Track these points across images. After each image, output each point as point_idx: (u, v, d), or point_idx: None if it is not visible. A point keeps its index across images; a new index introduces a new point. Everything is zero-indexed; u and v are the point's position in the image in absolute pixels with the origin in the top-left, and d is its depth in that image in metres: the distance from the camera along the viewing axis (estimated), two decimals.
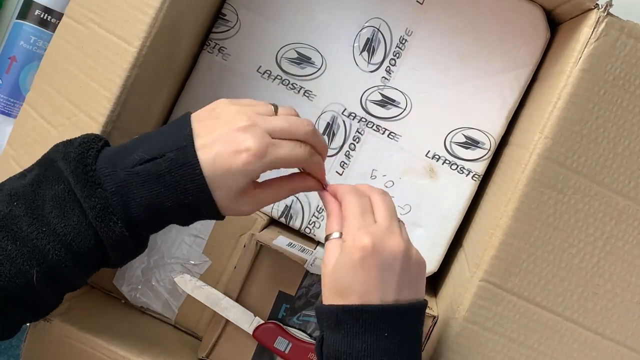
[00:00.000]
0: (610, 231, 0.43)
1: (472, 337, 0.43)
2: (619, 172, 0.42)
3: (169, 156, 0.37)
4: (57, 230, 0.36)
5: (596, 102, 0.42)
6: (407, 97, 0.53)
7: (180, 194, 0.37)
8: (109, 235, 0.37)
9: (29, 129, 0.48)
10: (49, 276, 0.37)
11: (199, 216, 0.39)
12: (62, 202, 0.37)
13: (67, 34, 0.47)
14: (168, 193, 0.37)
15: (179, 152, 0.37)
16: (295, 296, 0.50)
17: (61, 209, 0.37)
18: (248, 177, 0.37)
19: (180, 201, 0.37)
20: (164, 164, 0.36)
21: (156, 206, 0.37)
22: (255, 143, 0.36)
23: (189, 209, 0.38)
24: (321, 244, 0.55)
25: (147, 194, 0.37)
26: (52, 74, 0.47)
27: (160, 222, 0.38)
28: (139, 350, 0.48)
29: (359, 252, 0.36)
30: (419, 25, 0.52)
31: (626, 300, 0.43)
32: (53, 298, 0.39)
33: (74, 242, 0.36)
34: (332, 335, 0.37)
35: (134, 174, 0.37)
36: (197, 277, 0.54)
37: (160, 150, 0.37)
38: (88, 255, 0.37)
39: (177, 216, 0.38)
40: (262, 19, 0.53)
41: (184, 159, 0.36)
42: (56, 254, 0.36)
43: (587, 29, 0.41)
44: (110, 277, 0.55)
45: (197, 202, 0.37)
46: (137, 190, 0.37)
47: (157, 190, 0.37)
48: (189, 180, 0.36)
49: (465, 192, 0.53)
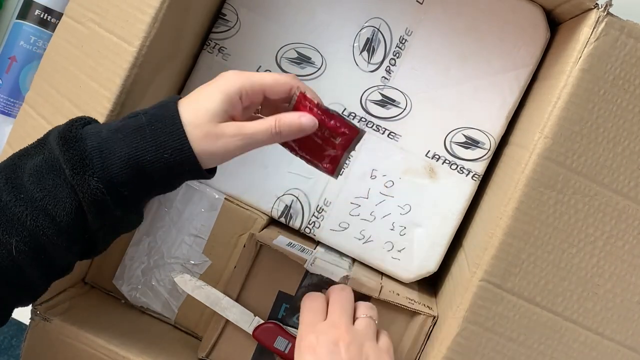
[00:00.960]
0: (610, 231, 0.42)
1: (472, 337, 0.43)
2: (619, 172, 0.42)
3: (150, 112, 0.38)
4: (34, 196, 0.36)
5: (596, 102, 0.42)
6: (407, 97, 0.53)
7: (159, 147, 0.37)
8: (85, 189, 0.36)
9: (29, 128, 0.48)
10: (29, 247, 0.36)
11: (180, 171, 0.38)
12: (40, 169, 0.37)
13: (67, 34, 0.47)
14: (147, 145, 0.37)
15: (161, 107, 0.38)
16: (295, 296, 0.50)
17: (39, 176, 0.37)
18: (224, 94, 0.38)
19: (159, 155, 0.37)
20: (145, 118, 0.37)
21: (135, 160, 0.37)
22: (234, 72, 0.39)
23: (170, 163, 0.37)
24: (321, 244, 0.55)
25: (126, 147, 0.37)
26: (52, 73, 0.47)
27: (143, 181, 0.38)
28: (139, 350, 0.49)
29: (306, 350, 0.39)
30: (419, 25, 0.52)
31: (626, 300, 0.43)
32: (39, 276, 0.38)
33: (50, 207, 0.36)
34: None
35: (116, 130, 0.37)
36: (197, 277, 0.54)
37: (144, 109, 0.38)
38: (66, 222, 0.37)
39: (160, 175, 0.38)
40: (262, 19, 0.53)
41: (165, 111, 0.37)
42: (33, 220, 0.36)
43: (587, 29, 0.41)
44: (110, 277, 0.55)
45: (177, 154, 0.37)
46: (117, 145, 0.37)
47: (136, 143, 0.37)
48: (167, 132, 0.37)
49: (465, 192, 0.53)
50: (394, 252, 0.54)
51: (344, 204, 0.54)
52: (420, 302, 0.51)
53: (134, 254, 0.54)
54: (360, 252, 0.54)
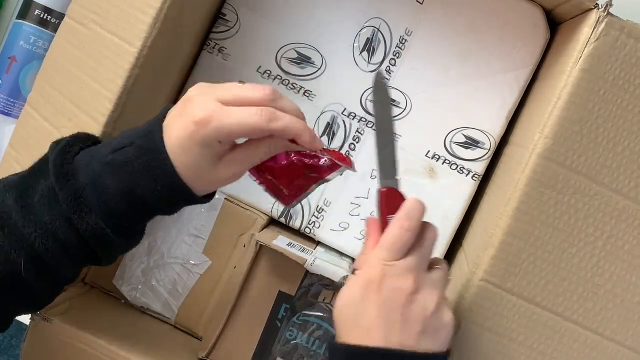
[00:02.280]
0: (610, 231, 0.42)
1: (473, 337, 0.43)
2: (619, 172, 0.42)
3: (136, 144, 0.37)
4: (44, 220, 0.36)
5: (596, 102, 0.42)
6: (407, 97, 0.53)
7: (150, 181, 0.36)
8: (84, 226, 0.36)
9: (31, 130, 0.48)
10: (36, 266, 0.37)
11: (177, 201, 0.38)
12: (50, 193, 0.37)
13: (69, 35, 0.47)
14: (137, 180, 0.36)
15: (146, 138, 0.37)
16: (295, 296, 0.50)
17: (49, 200, 0.37)
18: (204, 147, 0.35)
19: (152, 187, 0.36)
20: (132, 151, 0.36)
21: (129, 194, 0.36)
22: (200, 111, 0.35)
23: (164, 195, 0.37)
24: (321, 244, 0.55)
25: (118, 182, 0.36)
26: (54, 75, 0.47)
27: (141, 211, 0.38)
28: (139, 351, 0.48)
29: (366, 283, 0.36)
30: (419, 26, 0.52)
31: (626, 301, 0.43)
32: (45, 289, 0.39)
33: (60, 232, 0.36)
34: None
35: (106, 164, 0.37)
36: (197, 277, 0.54)
37: (131, 138, 0.37)
38: (74, 247, 0.37)
39: (157, 204, 0.37)
40: (262, 19, 0.53)
41: (151, 144, 0.36)
42: (42, 243, 0.36)
43: (587, 29, 0.41)
44: (110, 277, 0.55)
45: (168, 186, 0.36)
46: (109, 180, 0.36)
47: (126, 179, 0.36)
48: (156, 166, 0.36)
49: (465, 192, 0.53)
50: None
51: (344, 204, 0.54)
52: None
53: (134, 254, 0.54)
54: None
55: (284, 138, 0.37)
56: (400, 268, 0.36)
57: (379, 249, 0.37)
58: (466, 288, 0.44)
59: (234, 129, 0.35)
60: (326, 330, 0.50)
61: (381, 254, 0.37)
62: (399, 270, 0.36)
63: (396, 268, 0.36)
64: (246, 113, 0.35)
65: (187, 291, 0.54)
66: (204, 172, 0.37)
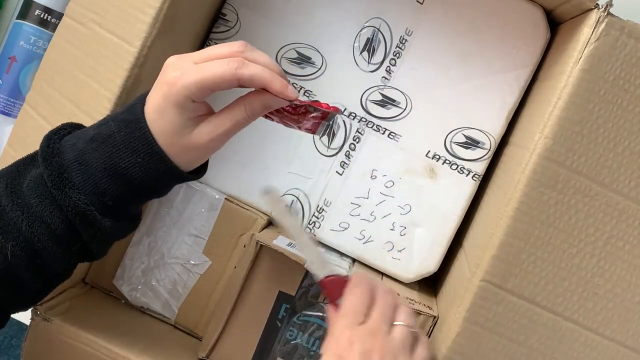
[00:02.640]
0: (610, 231, 0.42)
1: (473, 337, 0.43)
2: (619, 172, 0.42)
3: (119, 117, 0.37)
4: (31, 202, 0.36)
5: (596, 102, 0.42)
6: (407, 97, 0.53)
7: (132, 152, 0.36)
8: (67, 202, 0.36)
9: (29, 129, 0.48)
10: (24, 251, 0.36)
11: (162, 176, 0.38)
12: (38, 177, 0.37)
13: (68, 34, 0.47)
14: (120, 153, 0.36)
15: (127, 111, 0.37)
16: (295, 296, 0.50)
17: (36, 183, 0.37)
18: (178, 107, 0.36)
19: (133, 160, 0.36)
20: (114, 125, 0.37)
21: (112, 168, 0.36)
22: (172, 71, 0.36)
23: (145, 167, 0.37)
24: (321, 244, 0.55)
25: (101, 156, 0.36)
26: (53, 74, 0.47)
27: (127, 189, 0.37)
28: (139, 350, 0.49)
29: (334, 353, 0.36)
30: (419, 26, 0.52)
31: (626, 301, 0.43)
32: (35, 280, 0.38)
33: (46, 214, 0.36)
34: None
35: (90, 140, 0.37)
36: (197, 276, 0.54)
37: (114, 114, 0.38)
38: (61, 230, 0.37)
39: (141, 179, 0.37)
40: (262, 19, 0.53)
41: (131, 115, 0.37)
42: (29, 226, 0.36)
43: (588, 29, 0.41)
44: (110, 277, 0.55)
45: (148, 156, 0.36)
46: (92, 156, 0.37)
47: (109, 152, 0.36)
48: (136, 137, 0.36)
49: (465, 192, 0.53)
50: (394, 252, 0.54)
51: (344, 204, 0.54)
52: (420, 302, 0.51)
53: (134, 254, 0.54)
54: (360, 252, 0.54)
55: (253, 86, 0.37)
56: (366, 329, 0.37)
57: (340, 318, 0.38)
58: (466, 288, 0.44)
59: (203, 82, 0.35)
60: (326, 330, 0.50)
61: (344, 321, 0.37)
62: (364, 332, 0.37)
63: (362, 330, 0.37)
64: (214, 64, 0.36)
65: (187, 291, 0.54)
66: (180, 137, 0.36)
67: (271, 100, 0.37)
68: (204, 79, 0.35)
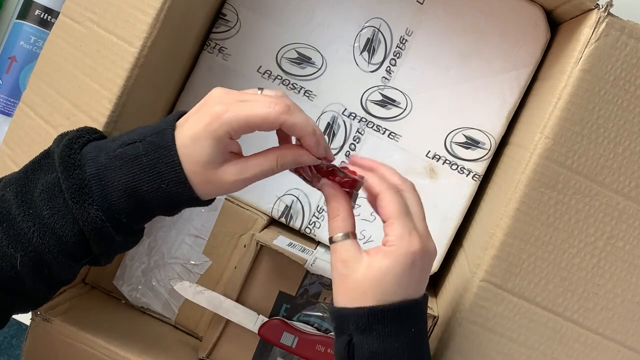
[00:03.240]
0: (610, 231, 0.43)
1: (473, 337, 0.43)
2: (620, 172, 0.42)
3: (147, 139, 0.37)
4: (43, 214, 0.36)
5: (596, 103, 0.42)
6: (407, 97, 0.53)
7: (156, 177, 0.36)
8: (84, 217, 0.36)
9: (26, 128, 0.48)
10: (33, 262, 0.36)
11: (179, 202, 0.38)
12: (51, 188, 0.37)
13: (65, 33, 0.47)
14: (144, 175, 0.36)
15: (158, 135, 0.37)
16: (295, 296, 0.50)
17: (49, 194, 0.37)
18: (215, 139, 0.36)
19: (157, 185, 0.36)
20: (142, 147, 0.37)
21: (133, 189, 0.36)
22: (218, 105, 0.36)
23: (167, 194, 0.37)
24: (322, 244, 0.55)
25: (124, 176, 0.36)
26: (50, 73, 0.47)
27: (142, 209, 0.38)
28: (139, 351, 0.48)
29: (412, 257, 0.36)
30: (419, 26, 0.52)
31: (627, 300, 0.43)
32: (41, 288, 0.38)
33: (57, 226, 0.36)
34: (365, 339, 0.36)
35: (114, 157, 0.37)
36: (197, 277, 0.54)
37: (142, 135, 0.37)
38: (72, 243, 0.37)
39: (158, 203, 0.37)
40: (263, 19, 0.53)
41: (161, 140, 0.37)
42: (40, 238, 0.36)
43: (588, 29, 0.41)
44: (110, 277, 0.55)
45: (173, 184, 0.36)
46: (115, 174, 0.36)
47: (133, 173, 0.36)
48: (164, 163, 0.36)
49: (465, 192, 0.53)
50: None
51: None
52: None
53: (134, 254, 0.54)
54: None
55: (293, 134, 0.37)
56: (425, 233, 0.38)
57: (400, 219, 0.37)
58: (466, 288, 0.44)
59: (247, 119, 0.36)
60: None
61: (407, 224, 0.37)
62: (426, 236, 0.38)
63: (424, 235, 0.38)
64: (260, 104, 0.36)
65: None
66: (207, 169, 0.36)
67: (305, 156, 0.38)
68: (248, 117, 0.36)
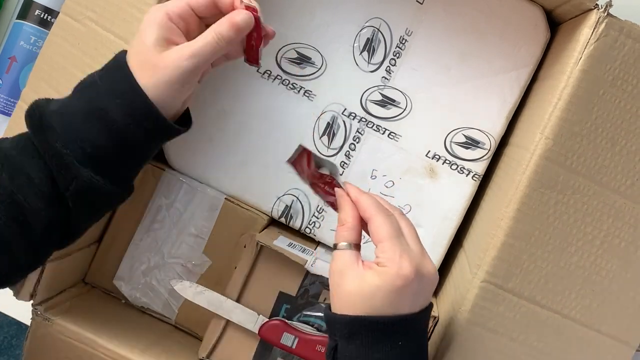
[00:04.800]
0: (607, 229, 0.43)
1: (474, 337, 0.43)
2: (617, 171, 0.43)
3: (104, 67, 0.39)
4: (11, 153, 0.38)
5: (595, 103, 0.42)
6: (407, 97, 0.53)
7: (111, 94, 0.37)
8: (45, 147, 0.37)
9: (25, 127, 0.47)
10: (8, 208, 0.37)
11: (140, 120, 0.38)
12: (22, 134, 0.39)
13: (64, 32, 0.47)
14: (101, 96, 0.37)
15: (111, 61, 0.39)
16: (295, 296, 0.50)
17: (19, 138, 0.39)
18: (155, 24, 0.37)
19: (112, 101, 0.37)
20: (97, 74, 0.39)
21: (92, 112, 0.37)
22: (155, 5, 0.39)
23: (125, 110, 0.37)
24: (322, 244, 0.55)
25: (81, 102, 0.38)
26: (49, 71, 0.47)
27: (103, 135, 0.37)
28: (140, 351, 0.49)
29: (402, 280, 0.36)
30: (419, 25, 0.52)
31: (622, 297, 0.43)
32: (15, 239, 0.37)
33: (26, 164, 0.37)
34: (347, 345, 0.37)
35: (73, 91, 0.39)
36: (197, 277, 0.54)
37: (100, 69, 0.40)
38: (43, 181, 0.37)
39: (118, 124, 0.37)
40: (262, 19, 0.53)
41: (114, 64, 0.39)
42: (11, 179, 0.37)
43: (588, 30, 0.41)
44: (110, 277, 0.55)
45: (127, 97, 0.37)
46: (74, 103, 0.38)
47: (89, 97, 0.38)
48: (117, 80, 0.38)
49: (465, 192, 0.53)
50: None
51: None
52: None
53: (135, 254, 0.54)
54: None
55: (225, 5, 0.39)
56: (419, 255, 0.38)
57: (392, 241, 0.37)
58: (467, 289, 0.44)
59: None
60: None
61: (399, 246, 0.37)
62: (419, 258, 0.38)
63: (417, 257, 0.37)
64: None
65: None
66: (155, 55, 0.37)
67: (237, 15, 0.39)
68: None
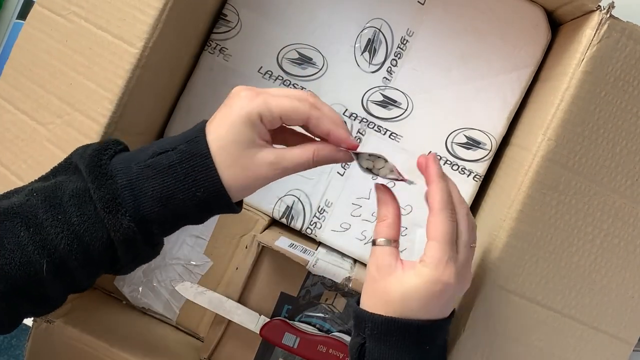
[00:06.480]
0: (607, 229, 0.43)
1: (474, 337, 0.44)
2: (617, 171, 0.43)
3: (180, 148, 0.37)
4: (72, 220, 0.36)
5: (597, 104, 0.42)
6: (408, 98, 0.53)
7: (191, 185, 0.36)
8: (116, 227, 0.36)
9: (6, 123, 0.46)
10: (58, 268, 0.36)
11: (212, 209, 0.38)
12: (80, 195, 0.37)
13: (45, 26, 0.45)
14: (179, 184, 0.36)
15: (190, 143, 0.37)
16: (297, 297, 0.50)
17: (79, 201, 0.36)
18: (248, 121, 0.36)
19: (192, 194, 0.36)
20: (175, 155, 0.37)
21: (167, 199, 0.36)
22: (245, 91, 0.37)
23: (201, 202, 0.37)
24: (323, 245, 0.55)
25: (158, 186, 0.36)
26: (29, 66, 0.46)
27: (173, 218, 0.38)
28: (141, 352, 0.49)
29: (441, 286, 0.36)
30: (420, 26, 0.52)
31: (620, 295, 0.44)
32: (59, 295, 0.38)
33: (86, 234, 0.36)
34: (377, 345, 0.37)
35: (146, 167, 0.37)
36: (198, 277, 0.53)
37: (173, 144, 0.37)
38: (99, 252, 0.37)
39: (192, 212, 0.37)
40: (263, 20, 0.53)
41: (195, 148, 0.37)
42: (68, 244, 0.36)
43: (590, 31, 0.42)
44: (111, 278, 0.55)
45: (209, 193, 0.37)
46: (148, 183, 0.36)
47: (167, 182, 0.36)
48: (199, 170, 0.36)
49: (466, 192, 0.53)
50: None
51: (345, 205, 0.54)
52: None
53: None
54: (361, 253, 0.54)
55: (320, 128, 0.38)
56: (463, 264, 0.37)
57: (442, 245, 0.37)
58: (470, 290, 0.44)
59: (279, 106, 0.37)
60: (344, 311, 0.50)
61: (447, 252, 0.37)
62: (462, 268, 0.37)
63: (461, 266, 0.37)
64: (290, 97, 0.37)
65: None
66: (245, 156, 0.36)
67: (340, 153, 0.39)
68: (279, 103, 0.36)
